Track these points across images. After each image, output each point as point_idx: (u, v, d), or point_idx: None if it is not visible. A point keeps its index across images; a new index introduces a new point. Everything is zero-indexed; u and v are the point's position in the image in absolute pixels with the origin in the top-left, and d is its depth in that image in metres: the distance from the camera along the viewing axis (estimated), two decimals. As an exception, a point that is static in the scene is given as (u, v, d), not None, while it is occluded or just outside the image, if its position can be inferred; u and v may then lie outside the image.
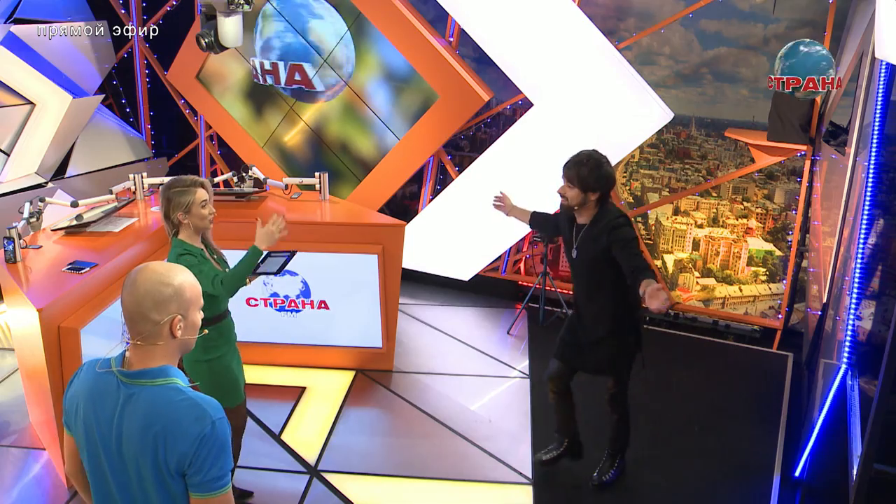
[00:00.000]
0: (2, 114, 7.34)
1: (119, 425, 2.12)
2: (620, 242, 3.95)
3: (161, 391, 2.12)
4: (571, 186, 4.08)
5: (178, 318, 2.15)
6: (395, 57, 7.39)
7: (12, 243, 4.84)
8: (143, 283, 2.12)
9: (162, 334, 2.14)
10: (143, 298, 2.11)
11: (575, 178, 4.05)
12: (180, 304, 2.15)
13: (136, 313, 2.11)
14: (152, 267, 2.17)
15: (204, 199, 3.78)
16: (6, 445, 5.18)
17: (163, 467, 2.08)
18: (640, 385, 6.00)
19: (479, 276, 7.72)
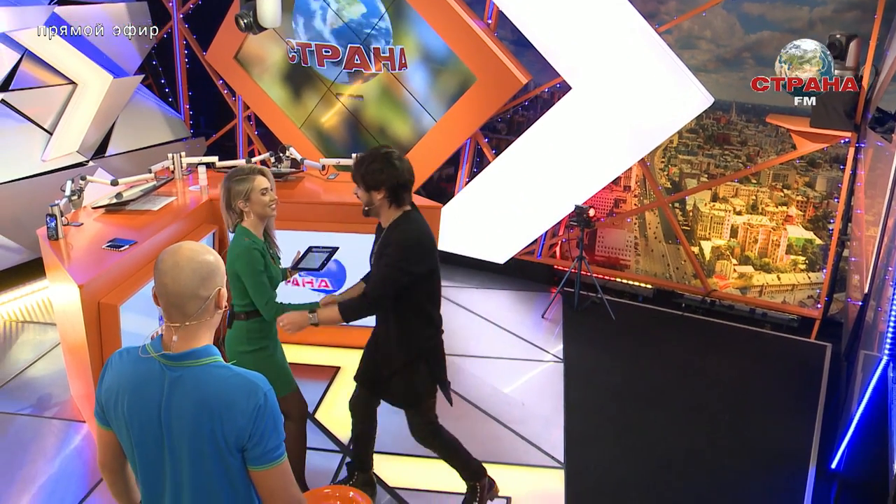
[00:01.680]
0: (45, 93, 7.44)
1: (168, 409, 2.10)
2: (386, 257, 3.60)
3: (208, 370, 2.12)
4: (358, 186, 3.67)
5: (222, 291, 2.17)
6: (433, 39, 7.36)
7: (54, 220, 4.91)
8: (186, 263, 2.11)
9: (209, 310, 2.15)
10: (191, 278, 2.10)
11: (357, 177, 3.66)
12: (221, 275, 2.18)
13: (186, 294, 2.10)
14: (186, 247, 2.16)
15: (264, 187, 3.74)
16: (48, 417, 5.29)
17: (221, 444, 2.08)
18: (675, 372, 5.99)
19: (514, 259, 7.71)
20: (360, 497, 3.09)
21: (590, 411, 5.44)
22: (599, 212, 7.47)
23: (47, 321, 6.77)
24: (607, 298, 7.07)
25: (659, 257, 7.44)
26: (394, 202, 3.63)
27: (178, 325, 2.13)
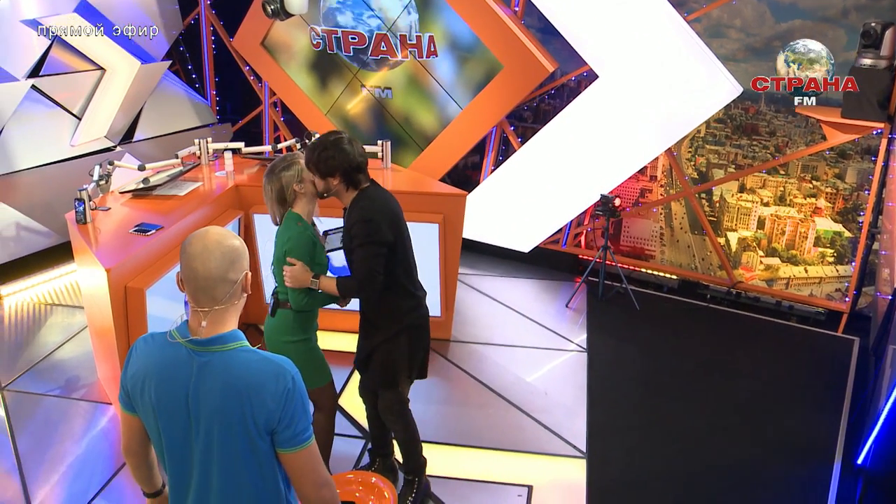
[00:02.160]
0: (74, 79, 7.50)
1: (196, 394, 2.12)
2: (355, 239, 3.59)
3: (236, 355, 2.13)
4: (313, 175, 3.65)
5: (248, 275, 2.20)
6: (459, 26, 7.34)
7: (83, 205, 4.96)
8: (215, 247, 2.12)
9: (237, 294, 2.18)
10: (220, 262, 2.11)
11: (311, 166, 3.62)
12: (248, 260, 2.20)
13: (216, 278, 2.11)
14: (213, 231, 2.17)
15: (305, 177, 3.74)
16: (76, 398, 5.36)
17: (250, 428, 2.10)
18: (699, 363, 5.96)
19: (538, 248, 7.69)
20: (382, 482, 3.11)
21: (613, 401, 5.42)
22: (625, 201, 7.43)
23: (75, 304, 6.85)
24: (632, 288, 7.03)
25: (684, 248, 7.39)
26: (350, 185, 3.65)
27: (207, 310, 2.14)
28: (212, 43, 9.42)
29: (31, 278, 7.23)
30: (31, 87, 7.07)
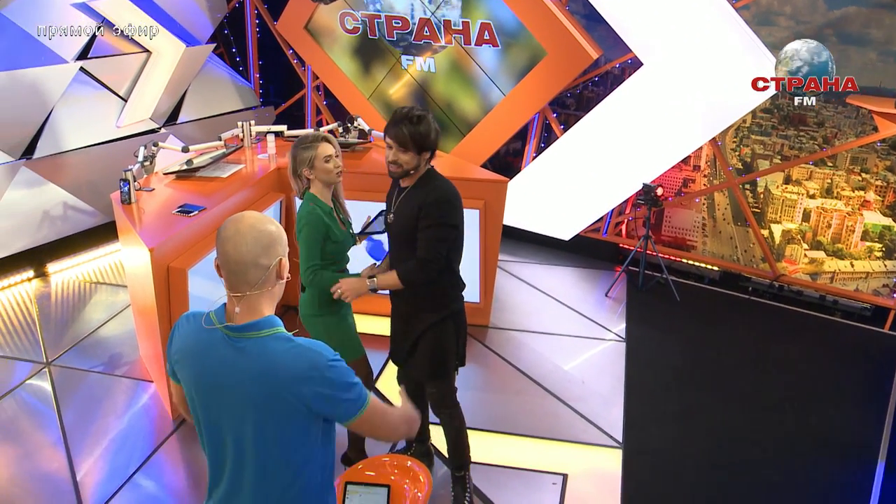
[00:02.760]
0: (120, 61, 7.60)
1: (230, 380, 2.12)
2: (428, 219, 3.46)
3: (270, 342, 2.12)
4: (405, 150, 3.45)
5: (283, 260, 2.17)
6: (503, 11, 7.29)
7: (128, 185, 5.03)
8: (247, 231, 2.10)
9: (270, 279, 2.15)
10: (253, 246, 2.10)
11: (408, 139, 3.42)
12: (283, 245, 2.17)
13: (248, 262, 2.10)
14: (247, 215, 2.15)
15: (328, 154, 3.79)
16: (119, 375, 5.45)
17: (294, 409, 2.10)
18: (739, 356, 5.89)
19: (579, 236, 7.65)
20: (418, 467, 3.12)
21: (650, 392, 5.39)
22: (667, 191, 7.35)
23: (119, 283, 6.96)
24: (672, 279, 6.97)
25: (727, 239, 7.29)
26: (429, 162, 3.59)
27: (241, 295, 2.14)
28: (256, 26, 9.48)
29: (77, 256, 7.36)
30: (79, 69, 7.17)
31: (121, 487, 4.30)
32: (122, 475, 4.40)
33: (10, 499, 4.21)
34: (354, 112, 8.12)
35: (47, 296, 6.75)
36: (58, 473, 4.42)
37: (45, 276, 7.09)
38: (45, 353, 5.74)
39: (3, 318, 6.33)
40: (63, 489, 4.29)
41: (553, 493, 4.32)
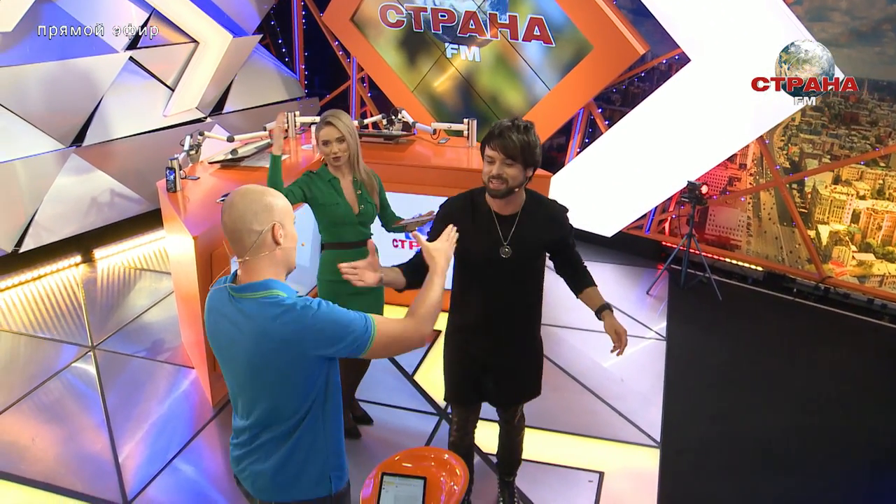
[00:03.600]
0: (169, 51, 7.69)
1: (235, 334, 2.32)
2: (571, 235, 3.31)
3: (263, 306, 2.26)
4: (512, 163, 3.01)
5: (277, 225, 2.30)
6: (549, 5, 7.25)
7: (173, 174, 5.09)
8: (239, 200, 2.28)
9: (266, 244, 2.30)
10: (244, 212, 2.27)
11: (519, 151, 3.00)
12: (276, 212, 2.31)
13: (240, 228, 2.28)
14: (245, 187, 2.34)
15: (326, 139, 3.97)
16: (161, 361, 5.53)
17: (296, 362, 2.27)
18: (782, 358, 5.79)
19: (621, 233, 7.59)
20: (455, 460, 3.11)
21: (690, 392, 5.33)
22: (712, 189, 7.25)
23: (163, 270, 7.07)
24: (715, 278, 6.88)
25: (772, 239, 7.18)
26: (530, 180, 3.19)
27: (242, 260, 2.33)
28: (302, 17, 9.54)
29: (123, 243, 7.49)
30: (128, 58, 7.28)
31: (161, 471, 4.37)
32: (162, 459, 4.46)
33: (55, 477, 4.31)
34: (399, 104, 8.13)
35: (93, 281, 6.87)
36: (101, 455, 4.50)
37: (91, 262, 7.22)
38: (90, 336, 5.85)
39: (51, 301, 6.46)
40: (105, 470, 4.37)
41: (589, 490, 4.29)
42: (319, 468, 2.47)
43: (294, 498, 2.48)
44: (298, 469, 2.44)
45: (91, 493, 4.19)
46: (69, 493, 4.20)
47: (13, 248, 6.67)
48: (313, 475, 2.47)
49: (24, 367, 5.46)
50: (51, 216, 6.86)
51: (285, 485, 2.45)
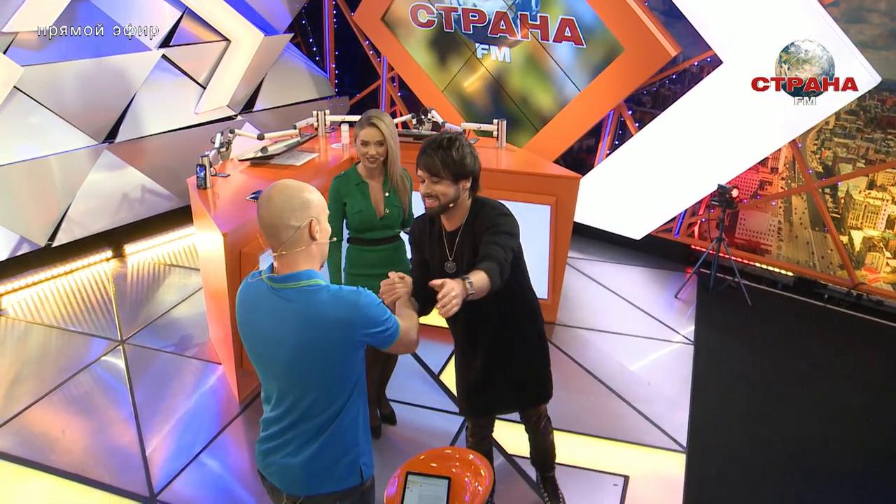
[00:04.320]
0: (201, 49, 7.76)
1: (277, 323, 2.38)
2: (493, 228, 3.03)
3: (311, 292, 2.35)
4: (438, 179, 3.01)
5: (314, 222, 2.38)
6: (581, 6, 7.22)
7: (204, 170, 5.13)
8: (277, 196, 2.35)
9: (303, 238, 2.37)
10: (282, 209, 2.33)
11: (441, 167, 2.99)
12: (313, 209, 2.38)
13: (277, 224, 2.34)
14: (283, 182, 2.41)
15: (366, 139, 3.96)
16: (188, 356, 5.58)
17: (339, 346, 2.37)
18: (812, 365, 5.72)
19: (650, 235, 7.54)
20: (480, 460, 3.11)
21: (717, 397, 5.28)
22: (743, 193, 7.18)
23: (192, 266, 7.13)
24: (745, 283, 6.81)
25: (803, 244, 7.09)
26: (473, 191, 3.15)
27: (278, 255, 2.39)
28: (333, 17, 9.58)
29: (153, 239, 7.56)
30: (161, 56, 7.35)
31: (187, 465, 4.41)
32: (189, 453, 4.50)
33: (84, 468, 4.36)
34: (428, 104, 8.14)
35: (124, 276, 6.95)
36: (129, 448, 4.55)
37: (122, 257, 7.30)
38: (120, 331, 5.91)
39: (82, 295, 6.54)
40: (133, 463, 4.41)
41: (614, 494, 4.27)
42: (352, 459, 2.53)
43: (325, 490, 2.53)
44: (331, 461, 2.50)
45: (118, 486, 4.24)
46: (97, 484, 4.25)
47: (46, 242, 6.76)
48: (345, 466, 2.53)
49: (55, 359, 5.53)
50: (83, 211, 6.95)
51: (316, 477, 2.51)
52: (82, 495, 4.18)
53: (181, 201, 7.69)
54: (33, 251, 6.70)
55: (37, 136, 6.55)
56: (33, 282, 6.71)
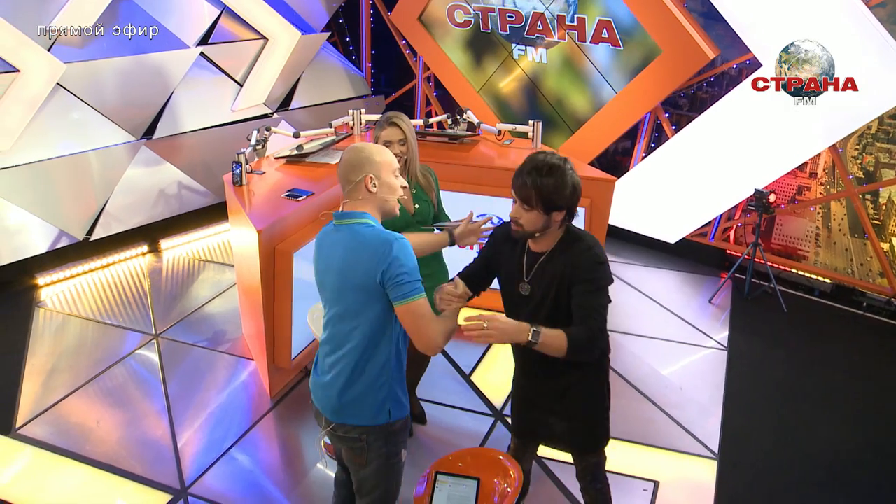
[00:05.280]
0: (238, 47, 7.82)
1: (331, 254, 2.78)
2: (587, 283, 2.83)
3: (356, 226, 2.75)
4: (528, 208, 2.82)
5: (370, 177, 2.78)
6: (618, 7, 7.17)
7: (240, 167, 5.16)
8: (345, 154, 2.83)
9: (360, 190, 2.80)
10: (345, 165, 2.80)
11: (533, 196, 2.78)
12: (370, 167, 2.79)
13: (341, 177, 2.82)
14: (356, 143, 2.86)
15: (389, 139, 3.96)
16: (221, 351, 5.63)
17: (368, 283, 2.64)
18: (848, 374, 5.63)
19: (685, 239, 7.47)
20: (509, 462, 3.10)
21: (750, 404, 5.21)
22: (780, 198, 7.09)
23: (226, 262, 7.18)
24: (780, 289, 6.73)
25: (841, 251, 6.98)
26: (566, 222, 2.91)
27: (344, 201, 2.83)
28: (370, 16, 9.61)
29: (188, 234, 7.63)
30: (199, 54, 7.42)
31: (217, 459, 4.44)
32: (219, 448, 4.54)
33: (117, 460, 4.42)
34: (464, 104, 8.13)
35: (159, 270, 7.02)
36: (161, 440, 4.60)
37: (157, 252, 7.38)
38: (154, 325, 5.98)
39: (118, 289, 6.63)
40: (165, 456, 4.46)
41: (643, 499, 4.24)
42: (381, 399, 2.77)
43: (354, 422, 2.80)
44: (361, 395, 2.76)
45: (150, 477, 4.29)
46: (129, 475, 4.30)
47: (84, 236, 6.86)
48: (374, 404, 2.77)
49: (91, 351, 5.61)
50: (120, 206, 7.04)
51: (347, 407, 2.78)
52: (115, 486, 4.24)
53: (217, 198, 7.76)
54: (72, 244, 6.81)
55: (77, 132, 6.65)
56: (71, 275, 6.81)
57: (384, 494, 2.89)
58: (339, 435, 2.84)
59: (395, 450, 2.85)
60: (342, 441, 2.86)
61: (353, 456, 2.86)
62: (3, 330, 5.92)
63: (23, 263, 6.56)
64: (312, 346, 5.22)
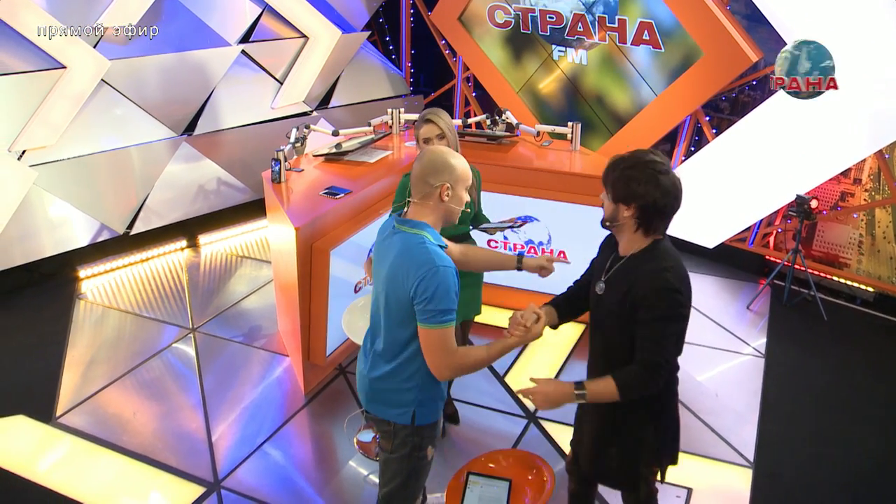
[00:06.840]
0: (279, 45, 7.88)
1: (387, 253, 2.80)
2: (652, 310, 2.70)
3: (410, 237, 2.75)
4: (605, 192, 2.82)
5: (446, 186, 2.77)
6: (660, 9, 7.11)
7: (279, 165, 5.20)
8: (429, 154, 2.81)
9: (433, 196, 2.78)
10: (424, 167, 2.77)
11: (607, 181, 2.79)
12: (450, 176, 2.78)
13: (418, 177, 2.78)
14: (439, 147, 2.88)
15: (427, 136, 3.95)
16: (256, 347, 5.67)
17: (406, 297, 2.68)
18: (889, 385, 5.52)
19: (724, 244, 7.38)
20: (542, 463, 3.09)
21: (788, 413, 5.13)
22: (822, 204, 6.98)
23: (263, 258, 7.24)
24: (821, 297, 6.62)
25: (885, 259, 6.85)
26: (642, 226, 2.79)
27: (412, 201, 2.81)
28: (410, 15, 9.62)
29: (226, 230, 7.71)
30: (240, 52, 7.49)
31: (251, 454, 4.48)
32: (253, 443, 4.58)
33: (152, 451, 4.48)
34: (503, 105, 8.11)
35: (197, 266, 7.10)
36: (195, 434, 4.65)
37: (195, 247, 7.47)
38: (191, 319, 6.05)
39: (156, 283, 6.72)
40: (199, 448, 4.51)
41: (677, 506, 4.20)
42: (408, 400, 2.82)
43: (381, 415, 2.90)
44: (390, 391, 2.84)
45: (184, 470, 4.34)
46: (164, 467, 4.36)
47: (125, 230, 6.96)
48: (401, 403, 2.83)
49: (129, 344, 5.69)
50: (160, 201, 7.13)
51: (377, 398, 2.89)
52: (150, 476, 4.30)
53: (255, 194, 7.83)
54: (112, 238, 6.92)
55: (120, 128, 6.76)
56: (111, 268, 6.92)
57: (402, 487, 2.97)
58: (371, 416, 2.99)
59: (421, 444, 2.91)
60: (375, 423, 3.01)
61: (382, 440, 2.99)
62: (46, 321, 6.03)
63: (65, 256, 6.68)
64: (347, 343, 5.24)
